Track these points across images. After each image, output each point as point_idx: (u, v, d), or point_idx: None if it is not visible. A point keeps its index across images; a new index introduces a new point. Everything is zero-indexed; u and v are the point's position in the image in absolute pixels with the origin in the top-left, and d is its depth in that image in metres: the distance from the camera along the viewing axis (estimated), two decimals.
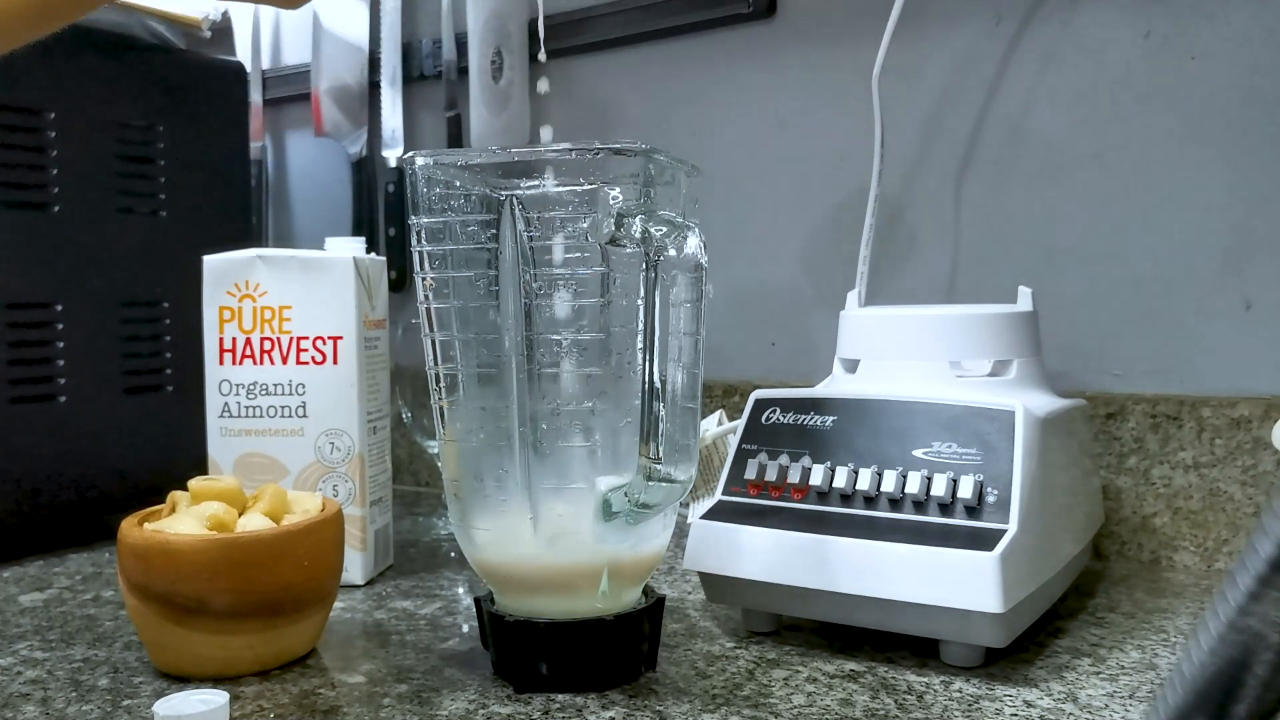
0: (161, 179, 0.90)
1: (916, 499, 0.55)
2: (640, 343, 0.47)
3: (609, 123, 0.99)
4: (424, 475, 1.09)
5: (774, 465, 0.59)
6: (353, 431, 0.70)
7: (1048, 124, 0.79)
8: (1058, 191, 0.79)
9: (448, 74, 1.06)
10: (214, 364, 0.70)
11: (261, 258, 0.69)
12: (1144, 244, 0.75)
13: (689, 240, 0.46)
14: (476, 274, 0.51)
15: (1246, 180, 0.72)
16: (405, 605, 0.66)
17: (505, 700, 0.50)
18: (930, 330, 0.62)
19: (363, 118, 1.13)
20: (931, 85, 0.83)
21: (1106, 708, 0.48)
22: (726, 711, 0.48)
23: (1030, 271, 0.78)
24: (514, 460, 0.50)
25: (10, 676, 0.54)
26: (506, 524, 0.51)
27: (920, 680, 0.52)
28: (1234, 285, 0.73)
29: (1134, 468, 0.74)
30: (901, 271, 0.85)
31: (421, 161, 0.51)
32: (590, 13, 0.98)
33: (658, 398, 0.46)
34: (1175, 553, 0.73)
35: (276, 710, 0.49)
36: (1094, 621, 0.61)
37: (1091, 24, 0.77)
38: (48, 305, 0.82)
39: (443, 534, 0.87)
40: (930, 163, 0.84)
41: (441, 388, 0.52)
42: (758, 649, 0.57)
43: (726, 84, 0.93)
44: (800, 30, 0.89)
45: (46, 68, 0.82)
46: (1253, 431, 0.70)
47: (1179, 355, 0.74)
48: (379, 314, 0.73)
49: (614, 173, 0.47)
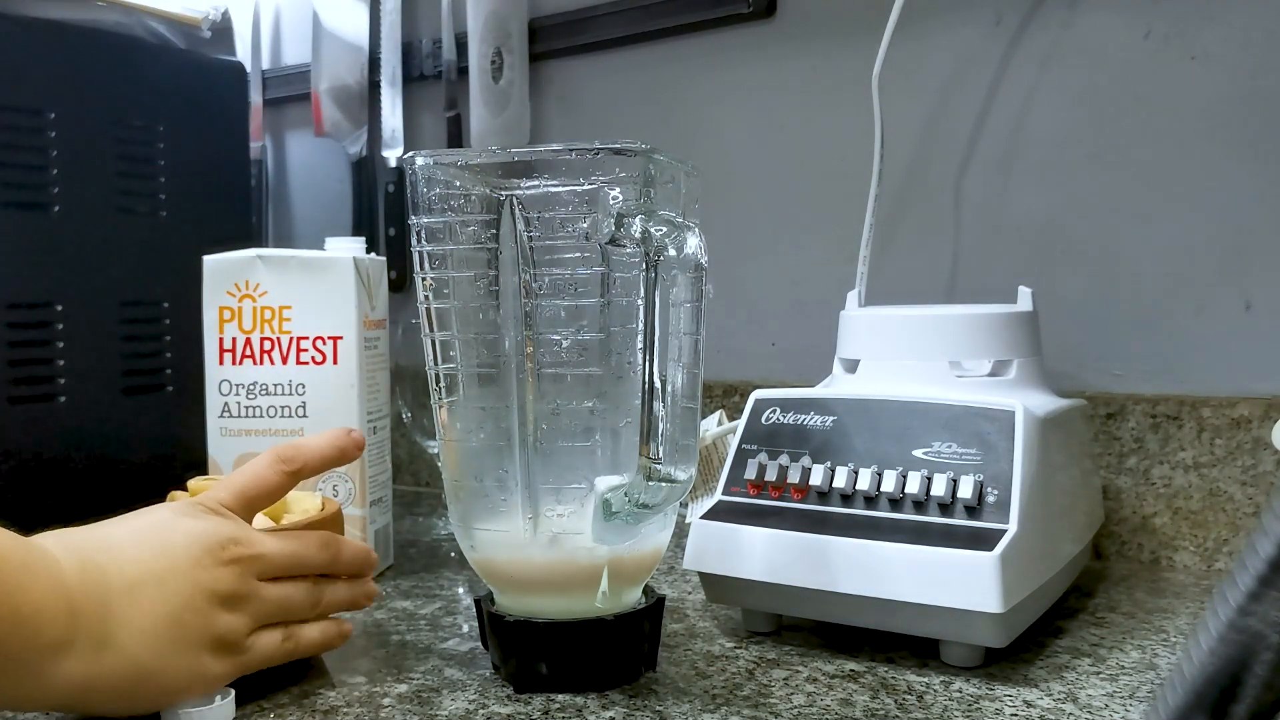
0: (161, 179, 0.90)
1: (916, 499, 0.55)
2: (640, 343, 0.47)
3: (609, 123, 0.99)
4: (424, 475, 1.09)
5: (774, 465, 0.59)
6: None
7: (1048, 124, 0.79)
8: (1058, 191, 0.79)
9: (448, 74, 1.06)
10: (214, 364, 0.70)
11: (261, 258, 0.69)
12: (1144, 244, 0.75)
13: (689, 240, 0.46)
14: (476, 274, 0.51)
15: (1247, 180, 0.72)
16: (405, 605, 0.66)
17: (505, 700, 0.50)
18: (930, 330, 0.62)
19: (363, 118, 1.13)
20: (931, 85, 0.83)
21: (1106, 708, 0.48)
22: (726, 711, 0.48)
23: (1030, 271, 0.78)
24: (514, 460, 0.50)
25: None
26: (506, 524, 0.51)
27: (920, 680, 0.52)
28: (1234, 285, 0.73)
29: (1134, 468, 0.74)
30: (901, 272, 0.85)
31: (421, 161, 0.51)
32: (590, 13, 0.98)
33: (658, 398, 0.46)
34: (1175, 553, 0.73)
35: (276, 710, 0.49)
36: (1094, 621, 0.61)
37: (1091, 24, 0.77)
38: (48, 305, 0.82)
39: (443, 534, 0.87)
40: (930, 163, 0.84)
41: (441, 388, 0.52)
42: (758, 649, 0.57)
43: (726, 84, 0.93)
44: (800, 30, 0.89)
45: (46, 68, 0.82)
46: (1253, 431, 0.70)
47: (1179, 355, 0.74)
48: (379, 314, 0.73)
49: (614, 173, 0.47)
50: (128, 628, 0.43)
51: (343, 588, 0.53)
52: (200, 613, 0.45)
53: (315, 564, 0.51)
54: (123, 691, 0.44)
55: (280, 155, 1.22)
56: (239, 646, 0.47)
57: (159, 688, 0.45)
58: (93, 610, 0.42)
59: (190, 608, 0.45)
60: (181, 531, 0.46)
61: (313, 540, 0.51)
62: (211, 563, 0.46)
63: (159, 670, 0.44)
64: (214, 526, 0.47)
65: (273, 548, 0.49)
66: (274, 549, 0.49)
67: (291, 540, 0.50)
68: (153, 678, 0.44)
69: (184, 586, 0.45)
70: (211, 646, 0.46)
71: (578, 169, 0.48)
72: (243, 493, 0.50)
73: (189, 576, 0.45)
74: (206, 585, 0.45)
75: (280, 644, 0.49)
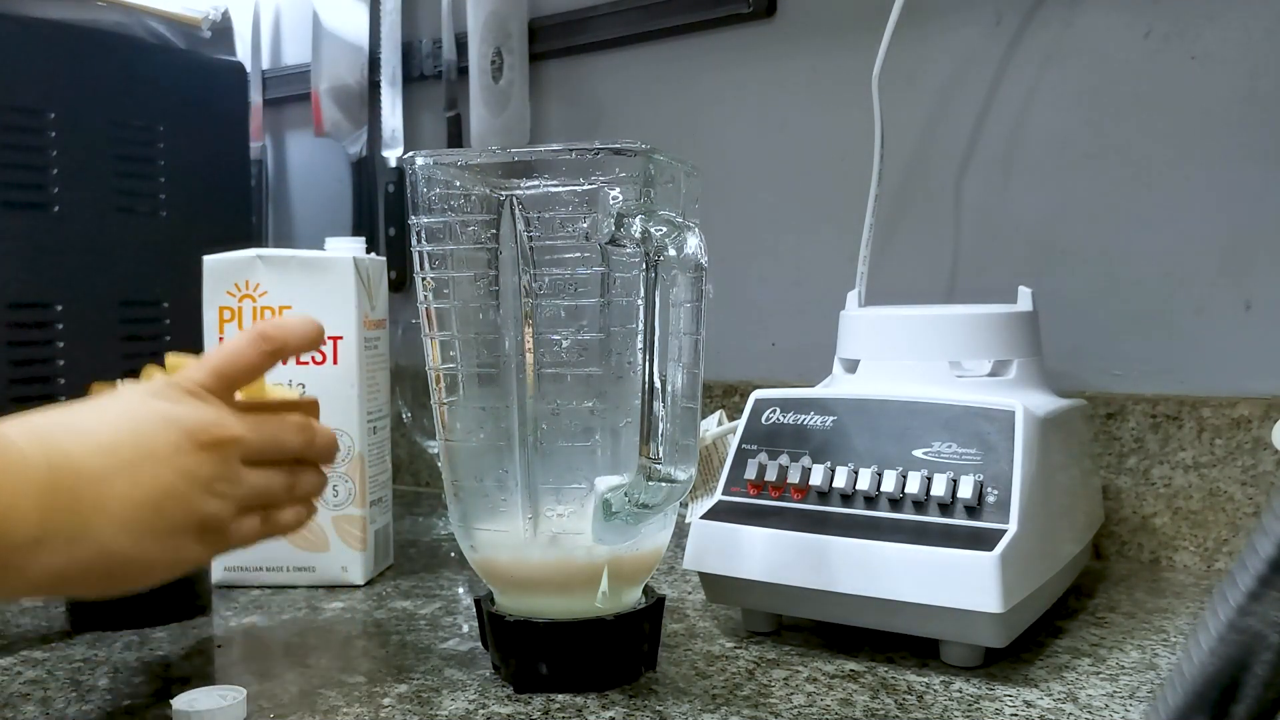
0: (161, 179, 0.90)
1: (916, 499, 0.55)
2: (640, 343, 0.47)
3: (609, 123, 0.99)
4: (424, 475, 1.09)
5: (774, 465, 0.59)
6: (353, 431, 0.70)
7: (1048, 124, 0.79)
8: (1058, 191, 0.79)
9: (448, 74, 1.06)
10: None
11: (261, 258, 0.69)
12: (1144, 244, 0.75)
13: (689, 240, 0.46)
14: (476, 274, 0.51)
15: (1247, 180, 0.72)
16: (405, 605, 0.66)
17: (505, 700, 0.50)
18: (930, 330, 0.62)
19: (363, 118, 1.13)
20: (931, 85, 0.83)
21: (1106, 708, 0.48)
22: (726, 711, 0.48)
23: (1030, 271, 0.78)
24: (514, 460, 0.50)
25: (10, 676, 0.54)
26: (506, 524, 0.51)
27: (920, 680, 0.52)
28: (1234, 285, 0.73)
29: (1134, 468, 0.74)
30: (901, 272, 0.85)
31: (421, 161, 0.51)
32: (590, 13, 0.98)
33: (658, 398, 0.46)
34: (1175, 553, 0.73)
35: (276, 710, 0.49)
36: (1094, 621, 0.61)
37: (1091, 24, 0.77)
38: (48, 305, 0.82)
39: (443, 534, 0.87)
40: (930, 163, 0.84)
41: (441, 388, 0.52)
42: (758, 649, 0.57)
43: (726, 84, 0.93)
44: (800, 30, 0.89)
45: (46, 68, 0.82)
46: (1253, 431, 0.70)
47: (1179, 355, 0.74)
48: (379, 314, 0.73)
49: (614, 173, 0.47)
50: (104, 517, 0.41)
51: (315, 474, 0.52)
52: (183, 499, 0.44)
53: (292, 448, 0.49)
54: (103, 578, 0.42)
55: (280, 155, 1.22)
56: (223, 531, 0.46)
57: (140, 572, 0.43)
58: (64, 504, 0.41)
59: (172, 494, 0.43)
60: (158, 416, 0.44)
61: (290, 424, 0.50)
62: (192, 447, 0.44)
63: (140, 556, 0.43)
64: (191, 410, 0.45)
65: (252, 431, 0.47)
66: (253, 432, 0.47)
67: (270, 424, 0.49)
68: (133, 563, 0.43)
69: (164, 472, 0.43)
70: (195, 532, 0.44)
71: (578, 169, 0.48)
72: (221, 372, 0.48)
73: (169, 462, 0.44)
74: (188, 470, 0.44)
75: (259, 528, 0.48)
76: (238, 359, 0.48)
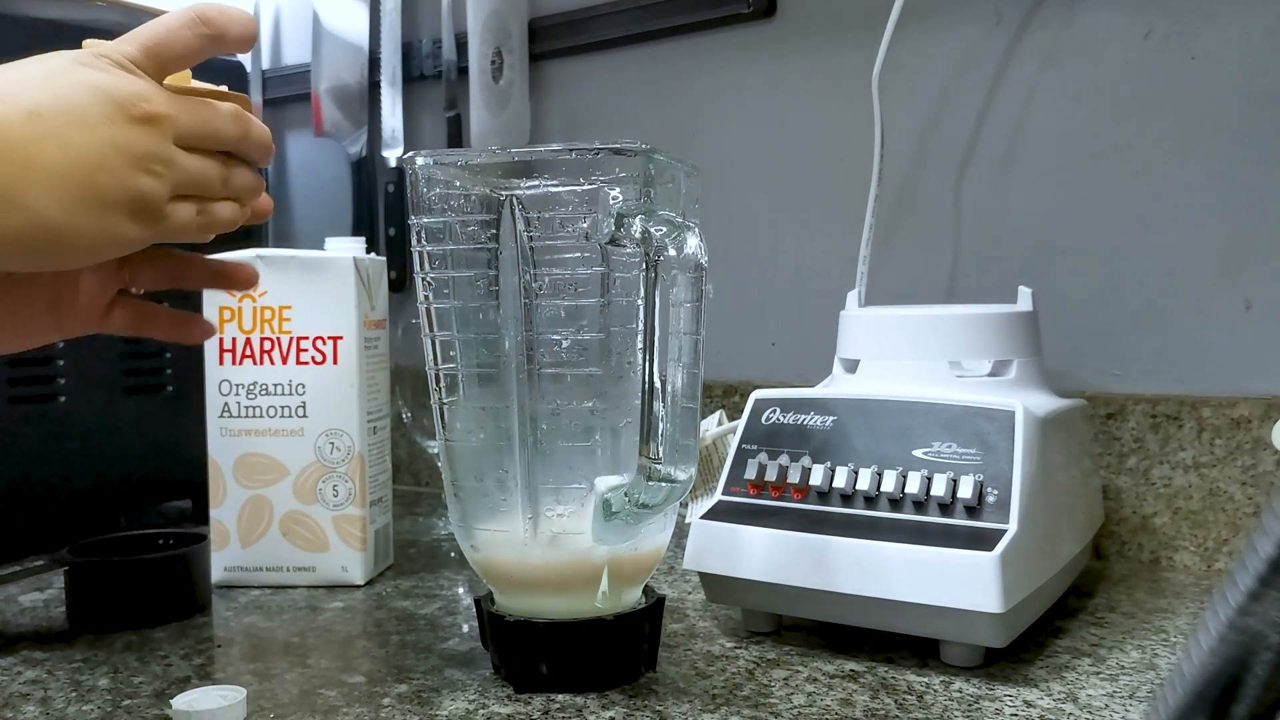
0: None
1: (916, 499, 0.55)
2: (640, 343, 0.47)
3: (609, 123, 0.99)
4: (424, 475, 1.09)
5: (774, 465, 0.59)
6: (353, 431, 0.70)
7: (1048, 124, 0.79)
8: (1058, 191, 0.79)
9: (448, 74, 1.06)
10: (214, 364, 0.70)
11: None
12: (1144, 244, 0.75)
13: (689, 240, 0.46)
14: (476, 274, 0.51)
15: (1247, 180, 0.72)
16: (405, 605, 0.66)
17: (505, 700, 0.50)
18: (930, 330, 0.62)
19: (363, 118, 1.13)
20: (931, 85, 0.83)
21: (1106, 708, 0.48)
22: (726, 711, 0.48)
23: (1030, 271, 0.78)
24: (514, 460, 0.50)
25: (10, 676, 0.54)
26: (506, 524, 0.51)
27: (920, 680, 0.52)
28: (1234, 285, 0.73)
29: (1134, 468, 0.74)
30: (902, 271, 0.85)
31: (421, 161, 0.51)
32: (590, 13, 0.98)
33: (658, 398, 0.46)
34: (1175, 553, 0.73)
35: (276, 710, 0.49)
36: (1094, 621, 0.61)
37: (1091, 24, 0.77)
38: None
39: (443, 534, 0.87)
40: (930, 162, 0.84)
41: (441, 388, 0.52)
42: (758, 649, 0.57)
43: (726, 84, 0.93)
44: (800, 30, 0.89)
45: None
46: (1253, 431, 0.70)
47: (1179, 355, 0.74)
48: (379, 314, 0.73)
49: (614, 172, 0.47)
50: (35, 185, 0.40)
51: (250, 172, 0.50)
52: (115, 171, 0.42)
53: (226, 137, 0.47)
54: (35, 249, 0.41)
55: (280, 155, 1.22)
56: (158, 212, 0.44)
57: (72, 247, 0.42)
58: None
59: (104, 166, 0.42)
60: (87, 83, 0.42)
61: (225, 111, 0.48)
62: (124, 120, 0.42)
63: (73, 229, 0.41)
64: (121, 80, 0.43)
65: (185, 111, 0.45)
66: (187, 112, 0.45)
67: (205, 109, 0.46)
68: (65, 237, 0.41)
69: (94, 142, 0.41)
70: (129, 209, 0.43)
71: (578, 169, 0.48)
72: (154, 50, 0.45)
73: (98, 132, 0.41)
74: (120, 143, 0.42)
75: (194, 217, 0.46)
76: (171, 39, 0.45)
